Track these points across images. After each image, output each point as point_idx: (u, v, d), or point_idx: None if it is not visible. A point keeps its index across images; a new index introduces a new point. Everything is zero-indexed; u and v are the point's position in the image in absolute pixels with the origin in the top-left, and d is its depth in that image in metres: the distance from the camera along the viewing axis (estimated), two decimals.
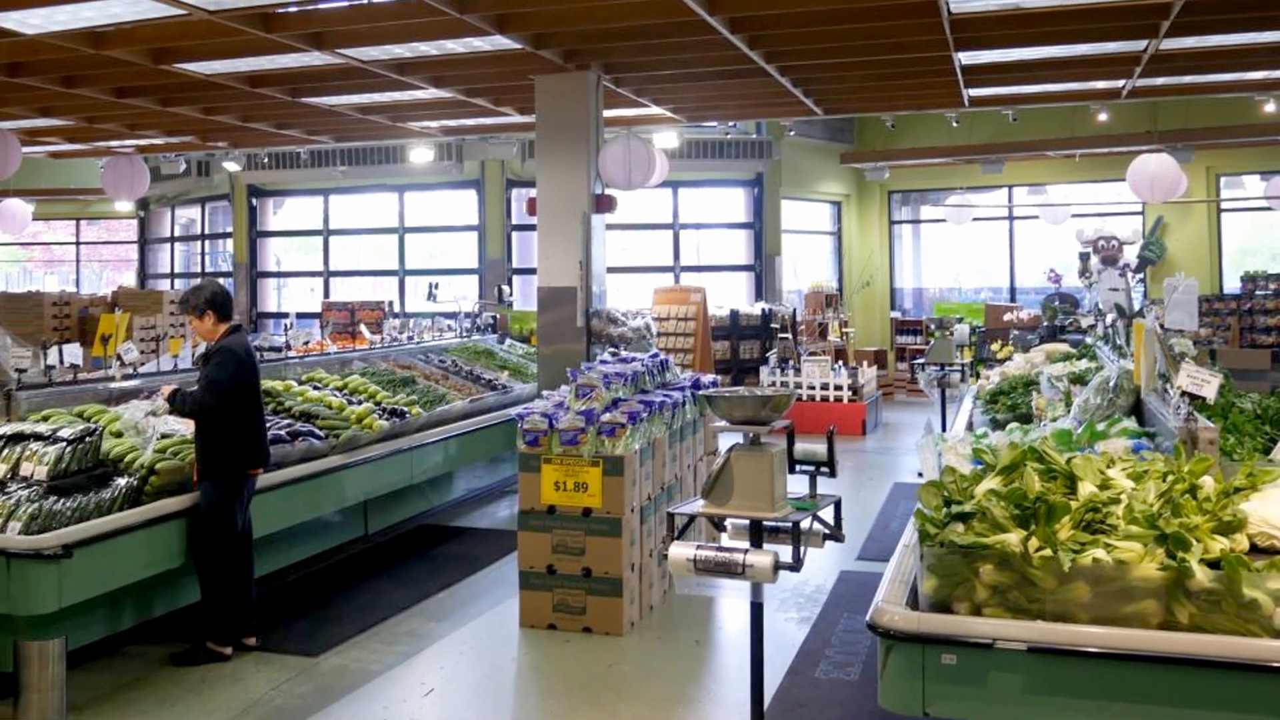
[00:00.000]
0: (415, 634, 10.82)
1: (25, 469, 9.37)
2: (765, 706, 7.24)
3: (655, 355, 13.48)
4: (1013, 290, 32.35)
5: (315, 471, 11.93)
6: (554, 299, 17.17)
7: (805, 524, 6.72)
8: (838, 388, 23.64)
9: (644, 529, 11.12)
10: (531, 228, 21.90)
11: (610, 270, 18.41)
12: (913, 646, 5.73)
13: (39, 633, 8.74)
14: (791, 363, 24.26)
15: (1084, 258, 27.09)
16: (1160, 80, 19.47)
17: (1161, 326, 10.56)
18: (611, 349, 15.47)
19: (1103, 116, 26.08)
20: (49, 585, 8.54)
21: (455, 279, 30.74)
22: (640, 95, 20.22)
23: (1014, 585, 5.72)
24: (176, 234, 37.32)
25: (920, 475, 8.09)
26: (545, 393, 12.77)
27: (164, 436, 10.51)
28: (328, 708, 9.01)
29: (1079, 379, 11.81)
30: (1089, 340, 16.27)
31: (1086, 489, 6.10)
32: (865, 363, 26.43)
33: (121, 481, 9.70)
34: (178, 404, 10.07)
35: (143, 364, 13.71)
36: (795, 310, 28.27)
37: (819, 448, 7.22)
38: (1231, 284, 29.17)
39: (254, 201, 33.77)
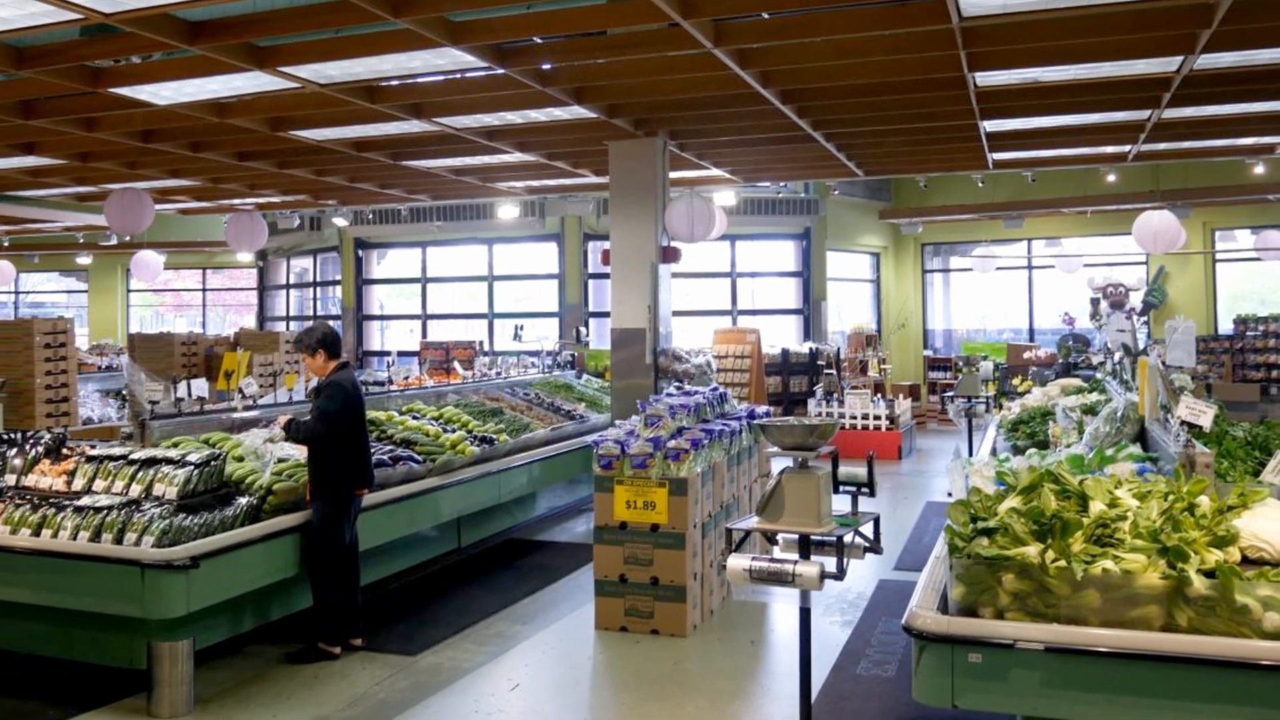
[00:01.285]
0: (503, 635, 10.85)
1: (158, 489, 9.45)
2: (813, 700, 7.26)
3: (715, 389, 13.49)
4: (1031, 331, 32.22)
5: (414, 492, 11.94)
6: (625, 339, 17.21)
7: (848, 538, 6.74)
8: (876, 417, 23.57)
9: (705, 542, 11.12)
10: (605, 276, 21.92)
11: (675, 314, 18.41)
12: (943, 646, 5.74)
13: (169, 634, 8.80)
14: (836, 395, 24.20)
15: (1094, 303, 27.06)
16: (1162, 145, 19.41)
17: (1163, 363, 10.53)
18: (676, 383, 15.49)
19: (1111, 177, 26.17)
20: (178, 592, 8.60)
21: (538, 321, 30.75)
22: (702, 158, 20.27)
23: (1032, 592, 5.72)
24: (291, 281, 37.54)
25: (950, 495, 8.07)
26: (618, 422, 12.76)
27: (280, 461, 10.56)
28: (425, 701, 9.05)
29: (1090, 410, 11.77)
30: (1099, 376, 16.20)
31: (1097, 507, 6.10)
32: (901, 395, 26.35)
33: (243, 500, 9.76)
34: (292, 432, 10.12)
35: (261, 397, 13.77)
36: (839, 349, 28.23)
37: (860, 470, 7.24)
38: (1225, 326, 29.17)
39: (360, 253, 33.94)
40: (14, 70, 12.75)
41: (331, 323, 25.67)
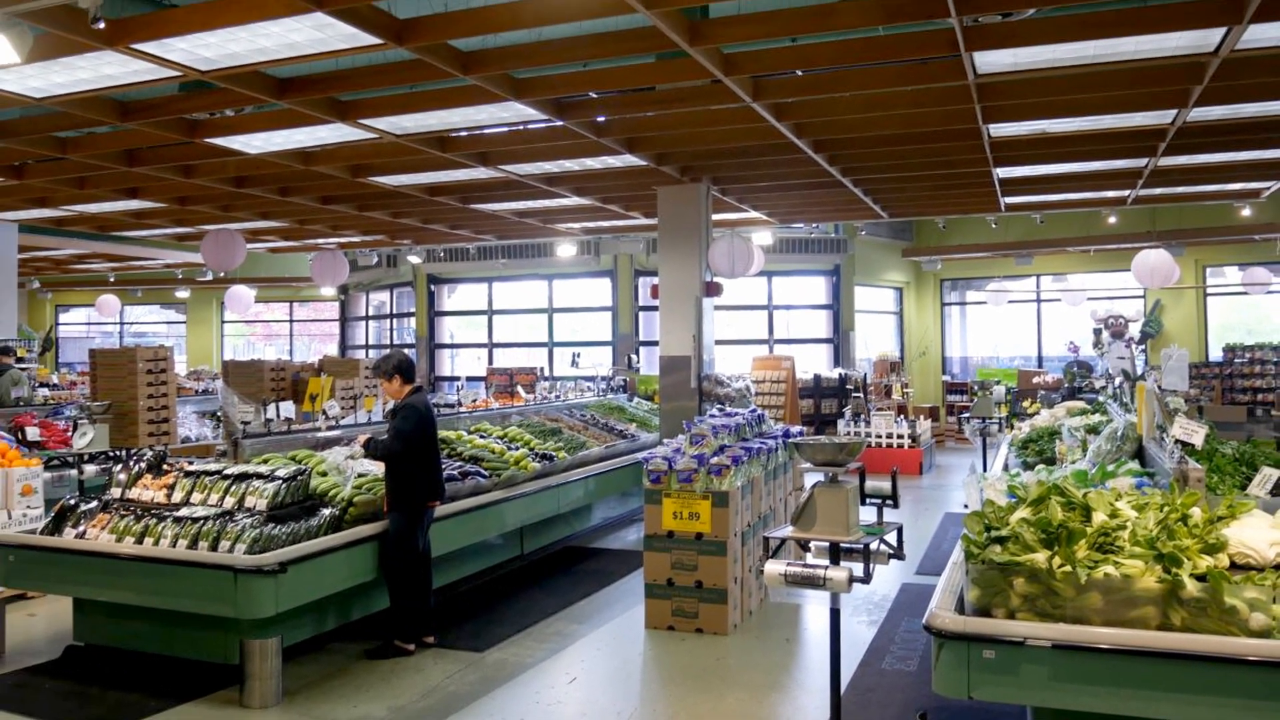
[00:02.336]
0: (561, 634, 10.86)
1: (249, 502, 9.50)
2: (842, 692, 7.27)
3: (753, 411, 13.51)
4: (1040, 358, 32.13)
5: (481, 504, 11.95)
6: (672, 366, 17.25)
7: (874, 545, 6.75)
8: (900, 436, 23.49)
9: (744, 549, 11.12)
10: (654, 308, 22.01)
11: (717, 342, 18.46)
12: (960, 644, 5.74)
13: (260, 633, 8.86)
14: (863, 416, 24.17)
15: (1097, 332, 27.05)
16: (1158, 190, 19.42)
17: (1159, 387, 10.50)
18: (719, 406, 15.53)
19: (1112, 219, 26.23)
20: (268, 595, 8.65)
21: (593, 349, 30.67)
22: (741, 202, 20.34)
23: (1041, 594, 5.73)
24: (370, 313, 37.70)
25: (966, 506, 8.06)
26: (665, 441, 12.79)
27: (360, 476, 10.59)
28: (491, 693, 9.07)
29: (1093, 430, 11.74)
30: (1101, 398, 16.14)
31: (1099, 517, 6.10)
32: (922, 416, 26.26)
33: (326, 512, 9.80)
34: (371, 449, 10.17)
35: (343, 418, 13.82)
36: (866, 374, 28.19)
37: (885, 484, 7.26)
38: (1215, 353, 29.20)
39: (432, 288, 34.08)
40: (119, 122, 12.94)
41: (406, 351, 25.74)
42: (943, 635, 5.80)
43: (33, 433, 15.39)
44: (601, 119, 13.88)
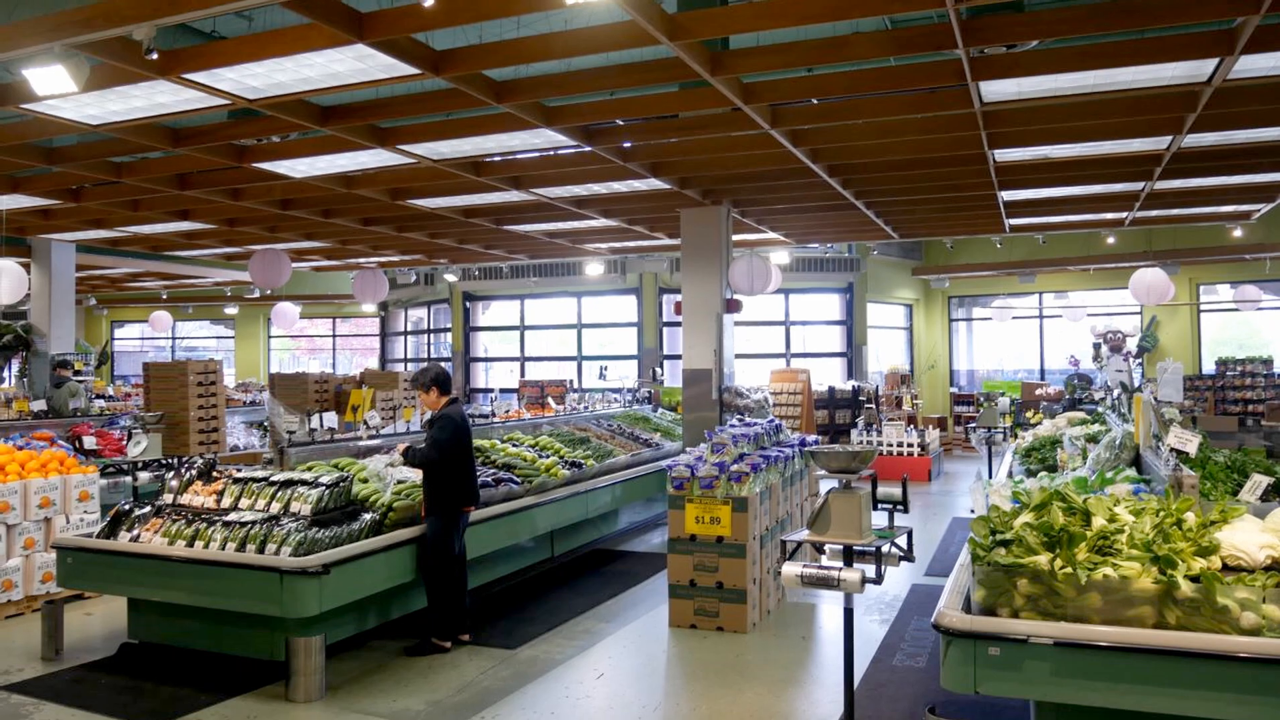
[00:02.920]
0: (590, 632, 10.87)
1: (294, 507, 9.53)
2: (855, 687, 7.28)
3: (771, 421, 13.50)
4: (1042, 371, 32.09)
5: (513, 509, 11.96)
6: (695, 378, 17.25)
7: (885, 548, 6.77)
8: (910, 445, 23.46)
9: (763, 552, 11.13)
10: (677, 324, 22.03)
11: (737, 356, 18.44)
12: (967, 641, 5.75)
13: (304, 631, 8.89)
14: (875, 426, 24.15)
15: (1096, 347, 27.05)
16: (1154, 212, 19.39)
17: (1155, 399, 10.48)
18: (738, 416, 15.53)
19: (1111, 239, 26.21)
20: (312, 595, 8.68)
21: (620, 363, 30.76)
22: (760, 223, 20.34)
23: (1043, 595, 5.74)
24: (409, 329, 37.79)
25: (972, 511, 8.07)
26: (688, 449, 12.80)
27: (399, 482, 10.61)
28: (523, 688, 9.08)
29: (1093, 439, 11.72)
30: (1100, 409, 16.11)
31: (1098, 522, 6.11)
32: (930, 426, 26.25)
33: (367, 516, 9.82)
34: (409, 457, 10.17)
35: (383, 427, 13.86)
36: (877, 386, 28.16)
37: (896, 490, 7.27)
38: (1208, 367, 29.26)
39: (467, 304, 34.13)
40: (171, 148, 13.02)
41: (443, 364, 25.78)
42: (950, 633, 5.81)
43: (89, 442, 15.48)
44: (628, 145, 13.93)
